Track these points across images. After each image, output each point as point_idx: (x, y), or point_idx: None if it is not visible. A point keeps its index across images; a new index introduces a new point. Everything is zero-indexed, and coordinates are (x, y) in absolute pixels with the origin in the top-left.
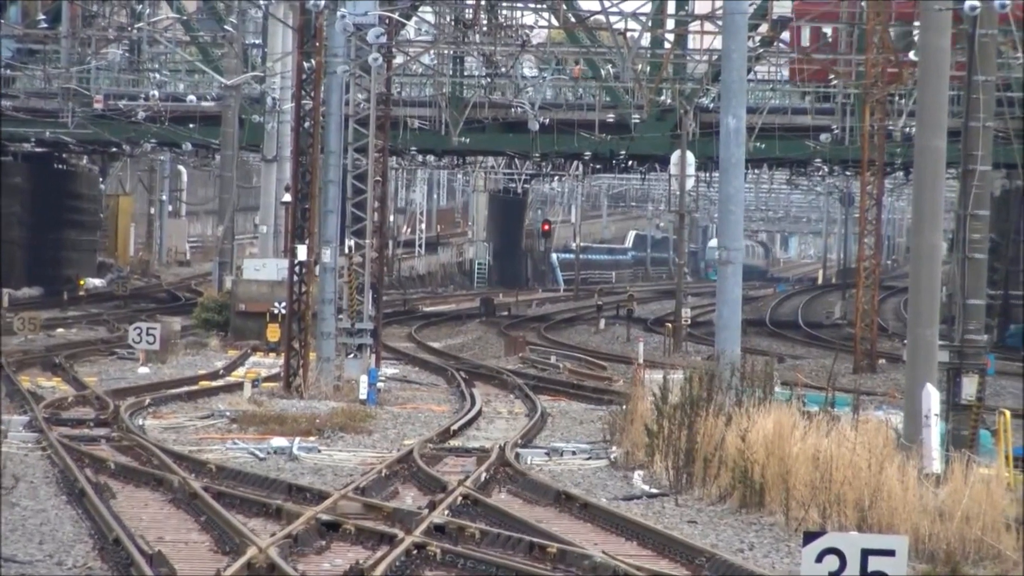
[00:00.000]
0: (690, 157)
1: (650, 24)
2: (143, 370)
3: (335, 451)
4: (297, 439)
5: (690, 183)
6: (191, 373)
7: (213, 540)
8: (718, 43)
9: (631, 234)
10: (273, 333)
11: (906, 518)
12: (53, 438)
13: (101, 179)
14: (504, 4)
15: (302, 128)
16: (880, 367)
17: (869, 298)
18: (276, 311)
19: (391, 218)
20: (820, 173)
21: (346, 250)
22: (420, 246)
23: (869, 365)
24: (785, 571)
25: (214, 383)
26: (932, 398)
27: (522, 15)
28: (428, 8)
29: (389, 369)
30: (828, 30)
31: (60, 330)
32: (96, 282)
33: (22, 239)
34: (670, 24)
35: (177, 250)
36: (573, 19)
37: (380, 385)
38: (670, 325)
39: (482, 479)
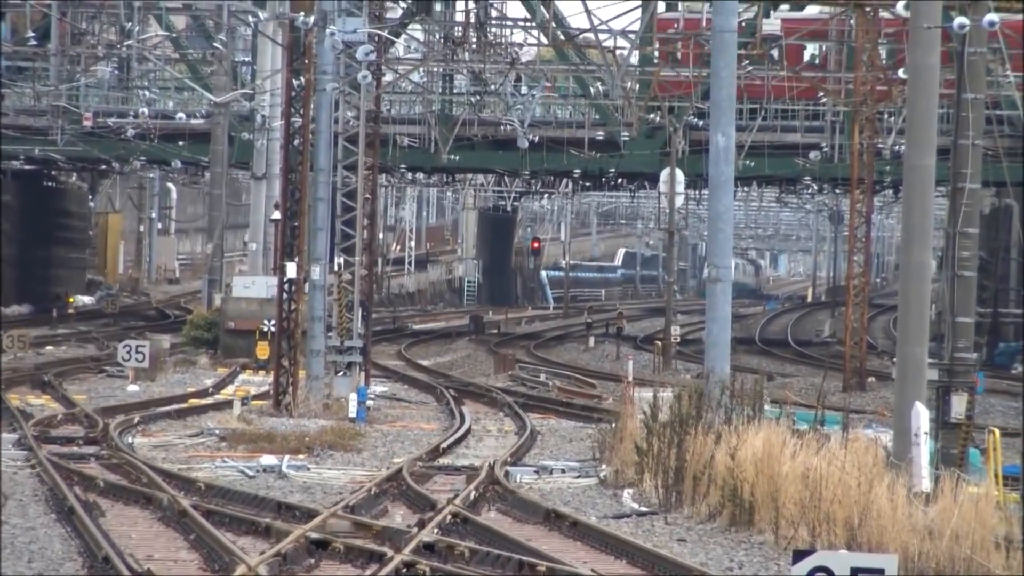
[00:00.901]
0: (679, 175)
1: (639, 42)
2: (132, 388)
3: (324, 469)
4: (286, 457)
5: (680, 201)
6: (180, 391)
7: (202, 558)
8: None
9: (621, 252)
10: (262, 351)
11: (895, 536)
12: (42, 456)
13: (90, 197)
14: (493, 22)
15: (291, 146)
16: (870, 385)
17: (858, 316)
18: (265, 329)
19: (380, 236)
20: (810, 191)
21: (335, 268)
22: (410, 264)
23: (858, 383)
24: None
25: (203, 401)
26: (921, 416)
27: (511, 33)
28: (417, 26)
29: (378, 387)
30: (814, 48)
31: (49, 348)
32: (85, 300)
33: (11, 256)
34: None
35: (166, 268)
36: (562, 37)
37: (369, 403)
38: (659, 343)
39: (471, 497)
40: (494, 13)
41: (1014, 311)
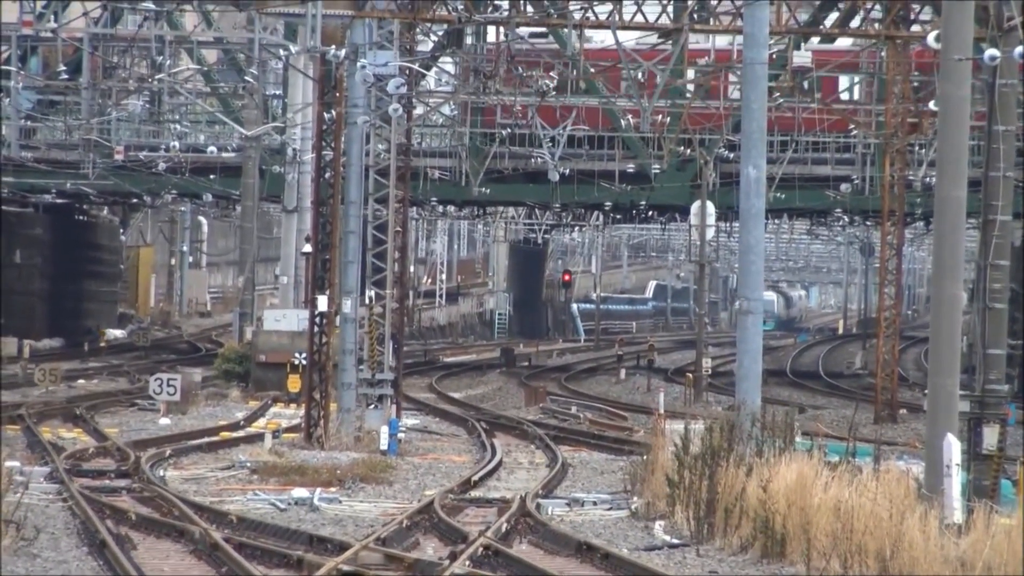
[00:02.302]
0: (710, 207)
1: (669, 74)
2: (164, 421)
3: (356, 502)
4: (318, 490)
5: (710, 233)
6: (212, 424)
7: None
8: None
9: (651, 284)
10: (294, 384)
11: (927, 568)
12: (74, 489)
13: (122, 230)
14: (523, 55)
15: (322, 179)
16: (901, 417)
17: (889, 348)
18: (297, 362)
19: (411, 268)
20: (840, 223)
21: (367, 301)
22: (441, 296)
23: (890, 415)
24: None
25: (235, 434)
26: (953, 448)
27: (542, 67)
28: (448, 59)
29: (410, 420)
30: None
31: (81, 381)
32: (117, 333)
33: (43, 290)
34: (690, 73)
35: (198, 301)
36: (592, 70)
37: (401, 435)
38: (691, 375)
39: (503, 530)
40: (525, 46)
41: None
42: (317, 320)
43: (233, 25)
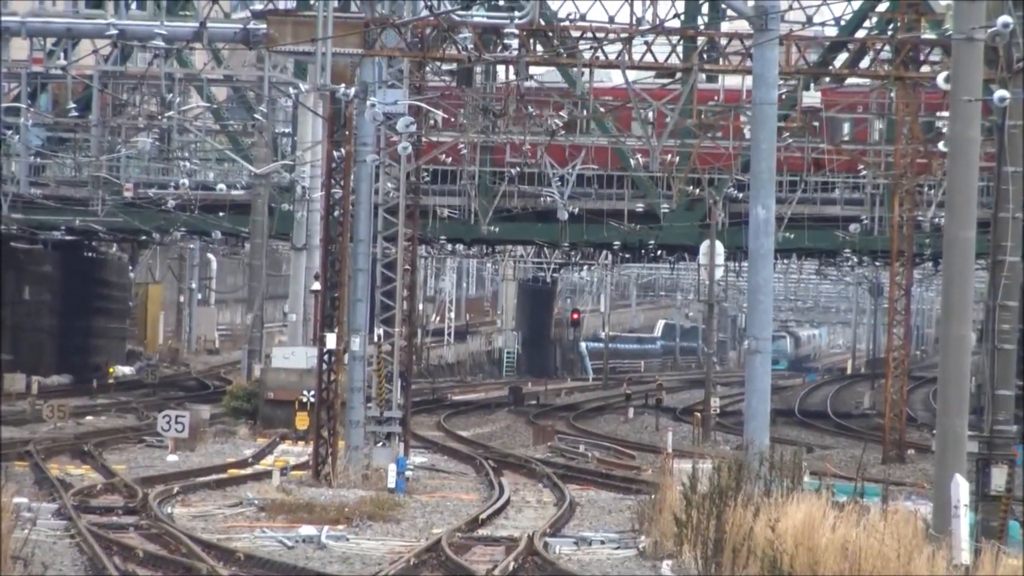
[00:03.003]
0: (719, 247)
1: (679, 114)
2: (172, 458)
3: (363, 540)
4: (326, 527)
5: (719, 273)
6: (220, 461)
7: None
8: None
9: (660, 323)
10: (302, 421)
11: None
12: (82, 526)
13: (131, 267)
14: (532, 95)
15: (332, 216)
16: (909, 457)
17: (898, 388)
18: (305, 399)
19: (420, 307)
20: (849, 263)
21: (375, 338)
22: (449, 335)
23: (898, 455)
24: None
25: (243, 471)
26: (961, 489)
27: (551, 107)
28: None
29: (418, 458)
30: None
31: (89, 418)
32: (125, 370)
33: (52, 327)
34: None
35: (206, 338)
36: (602, 109)
37: (409, 473)
38: (699, 414)
39: (510, 568)
40: (534, 84)
41: None
42: (326, 358)
43: (243, 63)
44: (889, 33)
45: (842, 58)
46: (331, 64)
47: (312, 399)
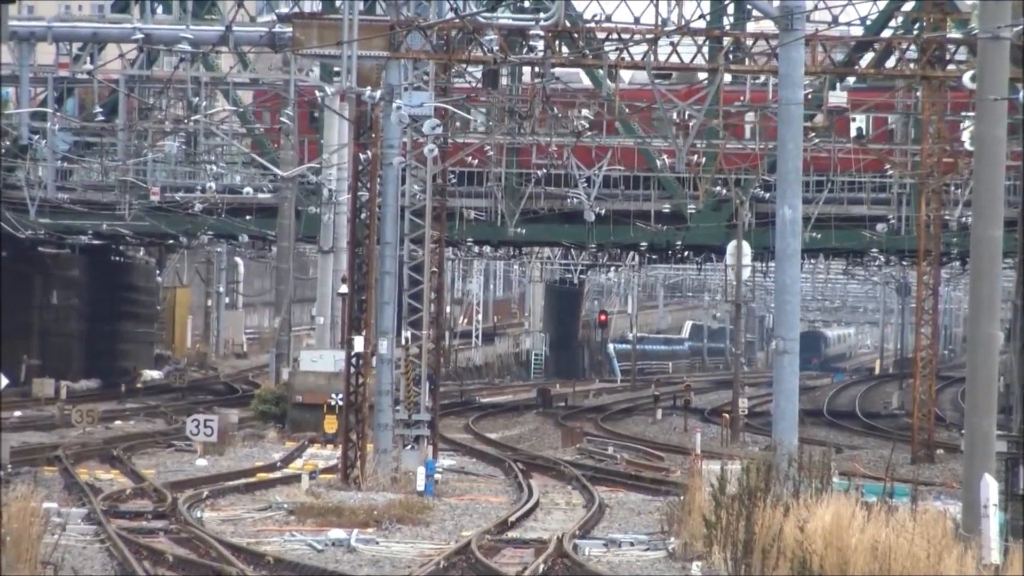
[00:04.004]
0: (746, 247)
1: (704, 115)
2: (201, 462)
3: (393, 543)
4: (355, 531)
5: (746, 273)
6: (249, 465)
7: None
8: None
9: (688, 324)
10: (330, 424)
11: None
12: (111, 530)
13: (158, 271)
14: (557, 96)
15: (358, 219)
16: (938, 457)
17: (926, 388)
18: (333, 402)
19: (448, 309)
20: (876, 263)
21: (403, 341)
22: (477, 337)
23: (927, 455)
24: None
25: (272, 475)
26: (990, 488)
27: (578, 109)
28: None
29: (446, 460)
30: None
31: (118, 422)
32: (153, 374)
33: (80, 331)
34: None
35: (234, 342)
36: (627, 110)
37: (437, 476)
38: (727, 415)
39: (540, 571)
40: (560, 86)
41: None
42: (353, 361)
43: (269, 66)
44: (915, 32)
45: (868, 58)
46: (357, 67)
47: (340, 402)
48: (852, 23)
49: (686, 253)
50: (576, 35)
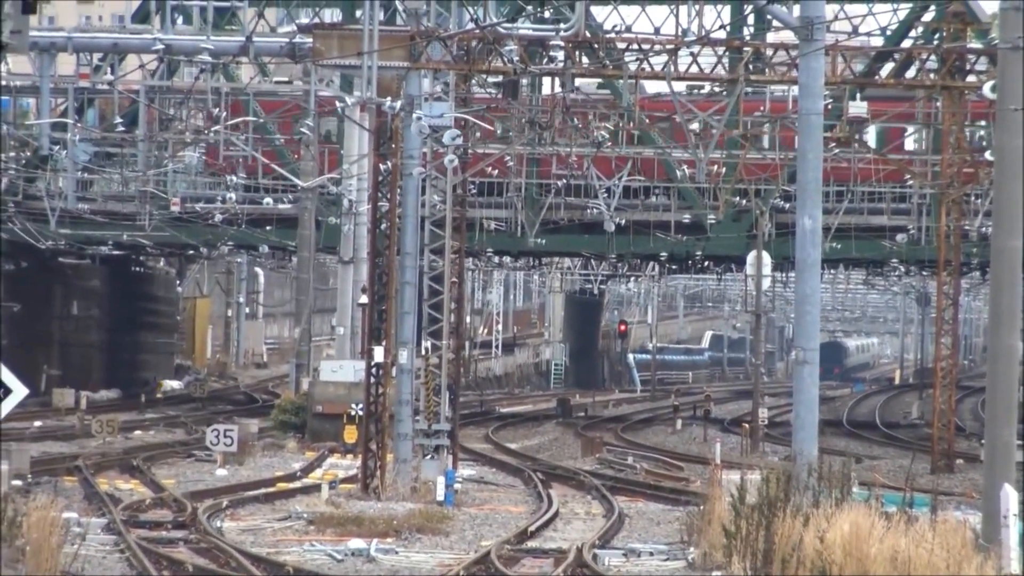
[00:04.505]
0: (766, 257)
1: (725, 125)
2: (221, 472)
3: (413, 552)
4: (375, 540)
5: (766, 283)
6: (268, 475)
7: None
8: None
9: (707, 334)
10: (350, 434)
11: None
12: (131, 540)
13: (178, 281)
14: (577, 106)
15: (378, 230)
16: (958, 467)
17: (946, 398)
18: (353, 412)
19: (468, 319)
20: (897, 273)
21: (423, 351)
22: (497, 347)
23: (947, 465)
24: None
25: (292, 485)
26: (1011, 498)
27: (597, 118)
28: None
29: (466, 470)
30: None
31: (138, 432)
32: (174, 384)
33: (100, 341)
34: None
35: (254, 352)
36: (648, 120)
37: (457, 486)
38: (747, 425)
39: None
40: (580, 97)
41: None
42: (373, 371)
43: (289, 77)
44: (935, 43)
45: (888, 68)
46: (377, 77)
47: (360, 412)
48: (872, 33)
49: (706, 263)
50: (596, 45)
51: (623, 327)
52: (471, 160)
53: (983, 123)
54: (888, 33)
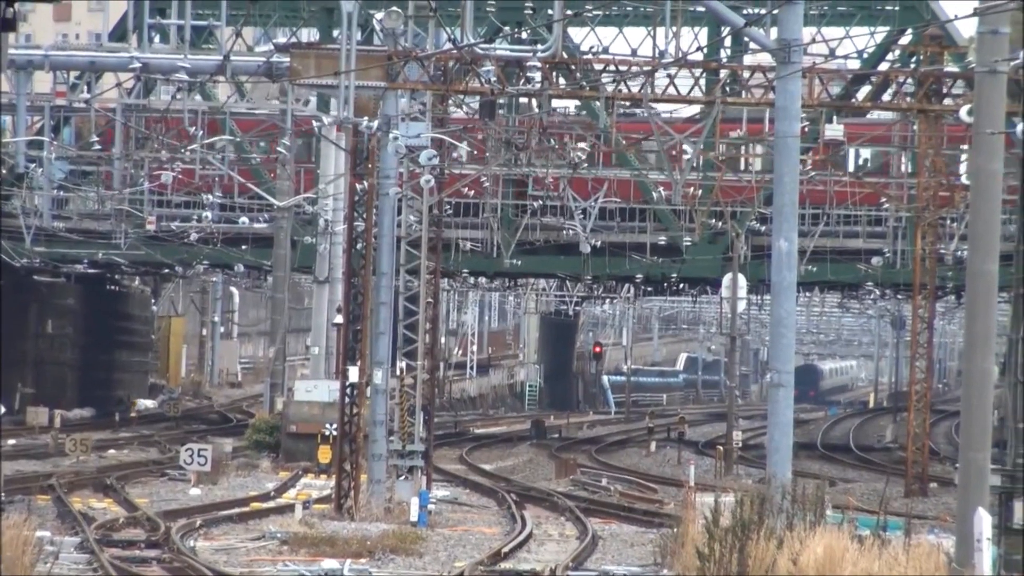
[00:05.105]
0: (741, 280)
1: (702, 147)
2: (194, 491)
3: (386, 573)
4: (348, 561)
5: (741, 306)
6: (242, 494)
7: None
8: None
9: (682, 356)
10: (324, 454)
11: None
12: (104, 559)
13: (153, 300)
14: (554, 127)
15: (354, 250)
16: (932, 491)
17: (920, 421)
18: (327, 432)
19: (442, 340)
20: (872, 296)
21: (397, 372)
22: (471, 368)
23: (921, 489)
24: None
25: (265, 505)
26: (984, 522)
27: (574, 139)
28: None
29: (440, 491)
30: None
31: (112, 451)
32: (148, 403)
33: (74, 360)
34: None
35: (229, 371)
36: (624, 142)
37: (431, 507)
38: (721, 448)
39: None
40: (556, 119)
41: None
42: (348, 391)
43: (266, 96)
44: (912, 66)
45: (865, 91)
46: (354, 97)
47: (334, 432)
48: (849, 56)
49: (681, 285)
50: (573, 67)
51: (598, 349)
52: (447, 180)
53: (961, 146)
54: (865, 56)
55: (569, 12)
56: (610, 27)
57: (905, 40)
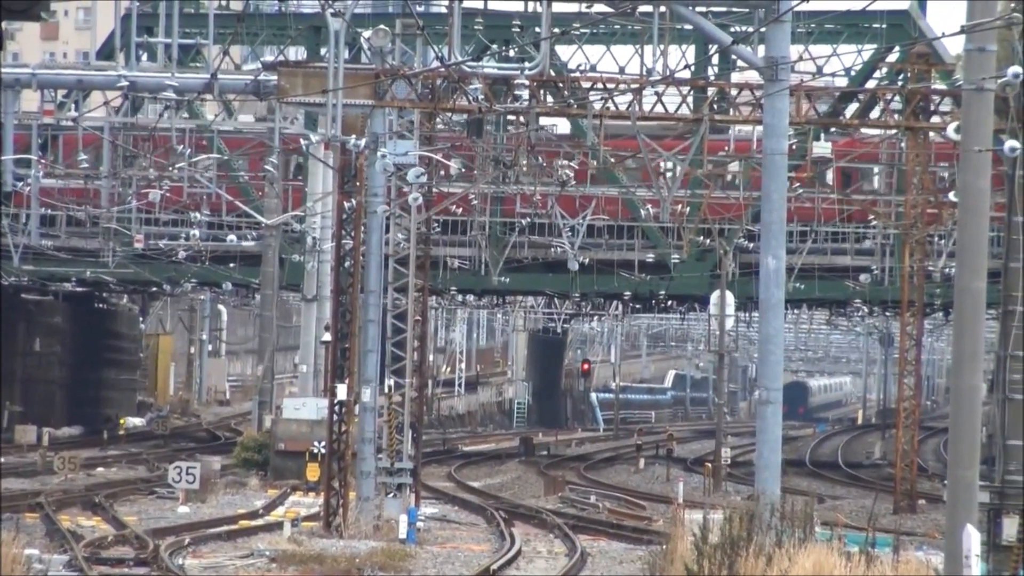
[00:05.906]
0: (729, 297)
1: (689, 164)
2: (183, 509)
3: None
4: None
5: (730, 323)
6: (231, 512)
7: None
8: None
9: (671, 374)
10: (313, 472)
11: None
12: None
13: (141, 318)
14: (542, 145)
15: (342, 267)
16: (920, 507)
17: (909, 438)
18: (316, 450)
19: (431, 357)
20: (860, 313)
21: (386, 389)
22: (460, 386)
23: (909, 505)
24: None
25: (254, 522)
26: (972, 539)
27: (561, 157)
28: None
29: (429, 508)
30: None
31: (100, 469)
32: (136, 421)
33: (62, 378)
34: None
35: (217, 389)
36: (612, 159)
37: (420, 524)
38: (710, 465)
39: None
40: (545, 136)
41: None
42: (336, 409)
43: (254, 114)
44: (899, 83)
45: (853, 108)
46: (342, 115)
47: (323, 450)
48: (837, 74)
49: (669, 303)
50: (561, 84)
51: (586, 366)
52: (435, 198)
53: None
54: (853, 74)
55: (556, 30)
56: (598, 45)
57: (893, 58)
